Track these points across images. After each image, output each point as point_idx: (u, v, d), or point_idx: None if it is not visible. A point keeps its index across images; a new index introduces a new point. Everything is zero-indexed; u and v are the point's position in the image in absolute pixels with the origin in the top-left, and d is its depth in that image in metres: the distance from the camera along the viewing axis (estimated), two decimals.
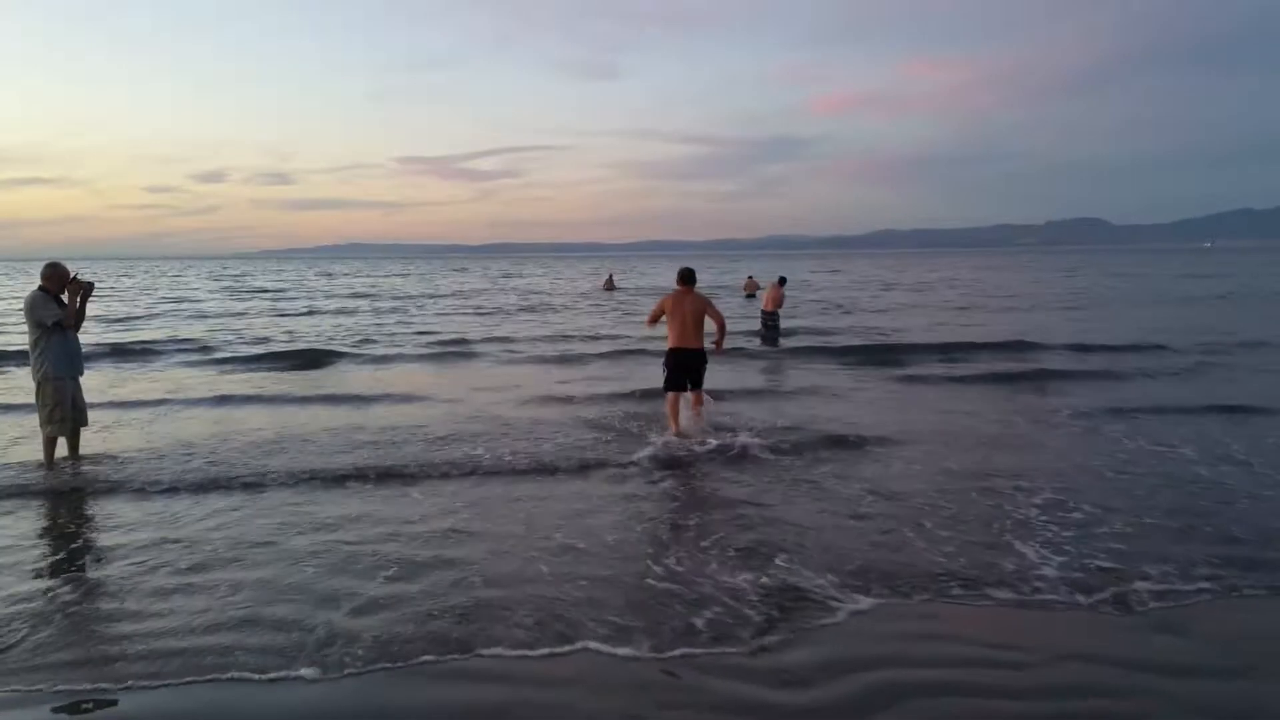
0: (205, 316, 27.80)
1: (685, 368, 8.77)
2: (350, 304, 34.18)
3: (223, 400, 11.27)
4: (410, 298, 38.96)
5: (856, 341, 17.78)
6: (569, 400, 10.90)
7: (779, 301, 18.92)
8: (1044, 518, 5.93)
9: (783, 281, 19.82)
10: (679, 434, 8.56)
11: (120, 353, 17.04)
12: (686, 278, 9.01)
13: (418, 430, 8.96)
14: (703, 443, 8.21)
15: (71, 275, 7.46)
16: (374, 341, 19.18)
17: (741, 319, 20.74)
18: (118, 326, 24.16)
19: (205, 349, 17.59)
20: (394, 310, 30.24)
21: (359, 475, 7.20)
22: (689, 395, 8.90)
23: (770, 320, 18.76)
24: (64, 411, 7.44)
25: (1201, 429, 8.77)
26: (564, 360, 15.40)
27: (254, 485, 6.95)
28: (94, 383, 11.33)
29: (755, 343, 17.71)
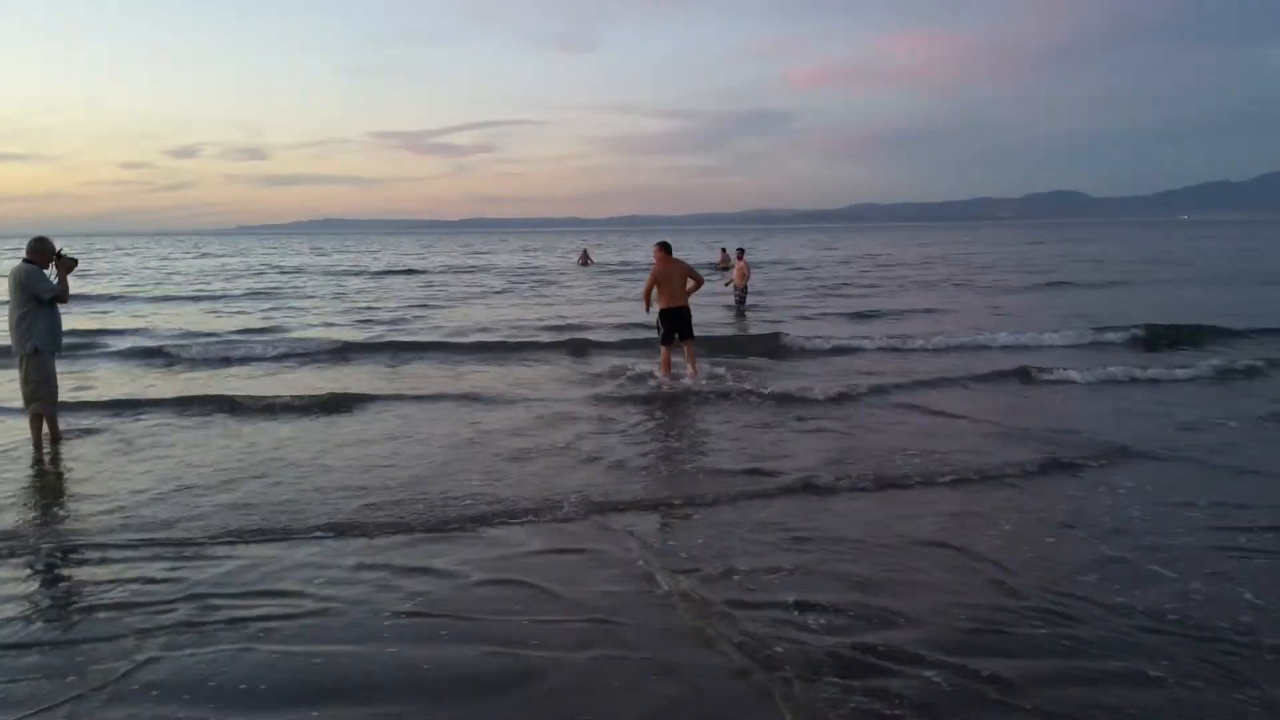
0: (210, 298, 25.45)
1: (677, 323, 10.49)
2: (371, 284, 31.69)
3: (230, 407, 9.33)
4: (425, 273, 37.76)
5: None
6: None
7: (747, 275, 19.73)
8: None
9: (741, 253, 20.81)
10: (670, 377, 10.44)
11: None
12: (666, 248, 10.73)
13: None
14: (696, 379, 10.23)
15: (57, 250, 7.50)
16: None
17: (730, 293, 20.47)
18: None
19: (220, 346, 14.27)
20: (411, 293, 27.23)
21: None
22: (684, 349, 10.60)
23: (742, 295, 19.42)
24: (49, 388, 7.45)
25: None
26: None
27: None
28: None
29: (732, 317, 18.06)
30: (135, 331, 16.45)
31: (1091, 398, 9.67)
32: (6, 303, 7.58)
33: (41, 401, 7.43)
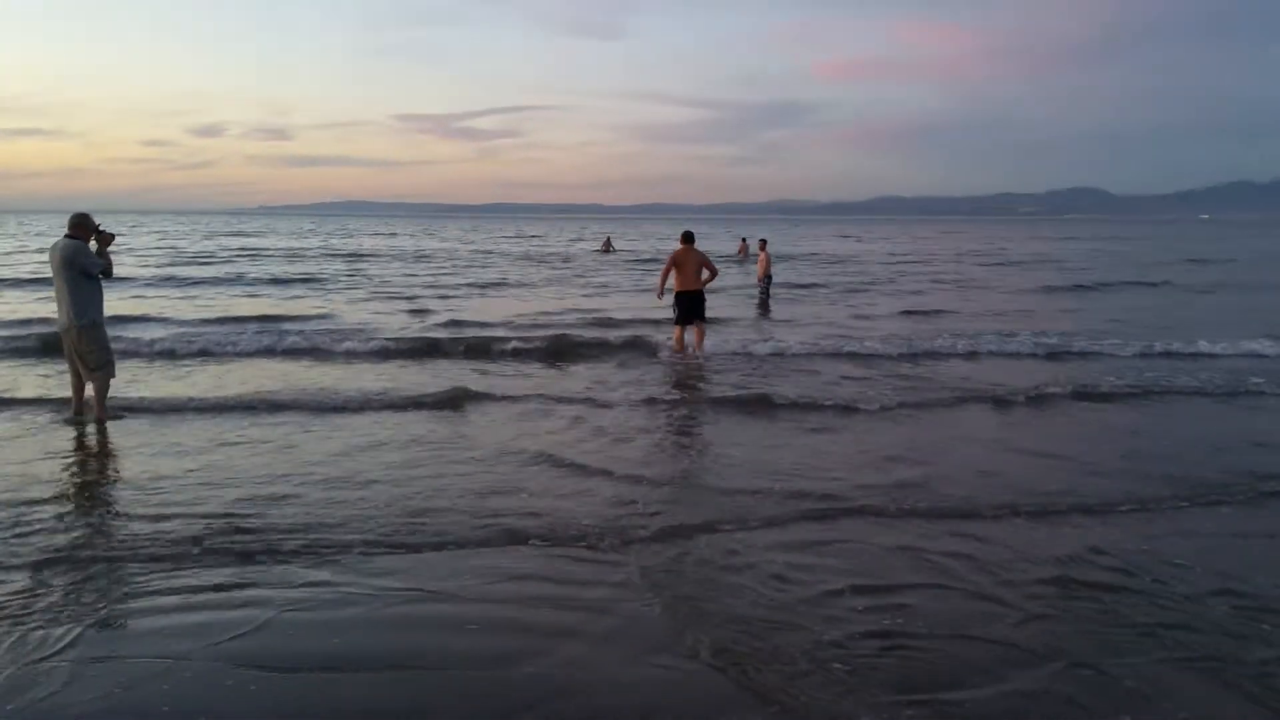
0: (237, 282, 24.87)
1: (690, 307, 11.69)
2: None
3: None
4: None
5: None
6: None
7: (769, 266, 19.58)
8: None
9: (764, 244, 20.43)
10: (681, 351, 11.71)
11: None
12: (688, 238, 11.95)
13: None
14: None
15: (97, 225, 7.85)
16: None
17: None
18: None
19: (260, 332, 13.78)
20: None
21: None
22: (692, 328, 11.78)
23: (765, 287, 19.31)
24: (110, 358, 7.91)
25: None
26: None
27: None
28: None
29: (753, 312, 17.75)
30: (159, 320, 16.00)
31: None
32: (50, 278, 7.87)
33: (103, 370, 7.79)
